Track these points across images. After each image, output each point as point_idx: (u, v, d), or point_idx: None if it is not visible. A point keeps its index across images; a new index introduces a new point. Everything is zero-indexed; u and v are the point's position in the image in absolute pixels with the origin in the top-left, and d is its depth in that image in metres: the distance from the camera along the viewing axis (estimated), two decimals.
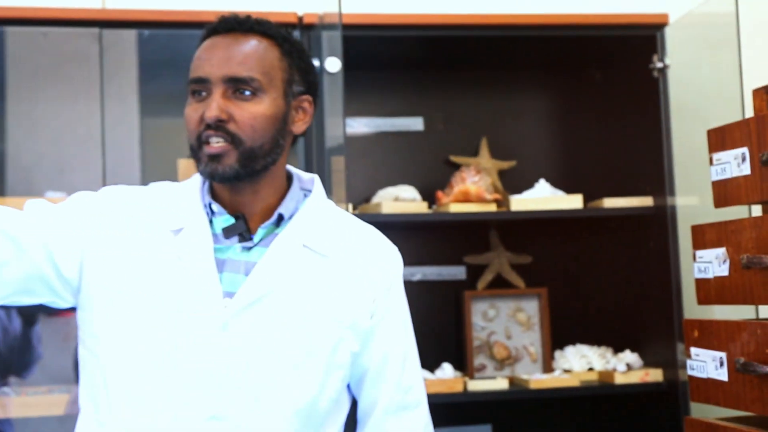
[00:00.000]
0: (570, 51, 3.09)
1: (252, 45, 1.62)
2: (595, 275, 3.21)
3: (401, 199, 2.93)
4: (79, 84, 2.84)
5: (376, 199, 2.97)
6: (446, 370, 2.93)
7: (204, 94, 1.60)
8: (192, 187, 1.68)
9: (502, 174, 3.17)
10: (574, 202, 2.93)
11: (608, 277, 3.17)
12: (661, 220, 2.86)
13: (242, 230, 1.62)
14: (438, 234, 3.20)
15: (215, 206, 1.64)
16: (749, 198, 1.72)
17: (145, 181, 2.20)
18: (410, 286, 3.12)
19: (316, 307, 1.62)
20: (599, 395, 3.07)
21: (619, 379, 2.89)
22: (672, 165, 2.84)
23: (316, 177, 1.74)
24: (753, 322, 1.64)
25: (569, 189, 3.05)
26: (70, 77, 2.84)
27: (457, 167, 3.10)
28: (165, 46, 2.86)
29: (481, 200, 2.90)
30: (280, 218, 1.66)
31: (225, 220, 1.63)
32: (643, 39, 2.87)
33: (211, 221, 1.65)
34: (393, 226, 3.09)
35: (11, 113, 2.87)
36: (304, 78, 1.67)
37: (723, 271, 1.72)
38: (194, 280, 1.58)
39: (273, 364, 1.58)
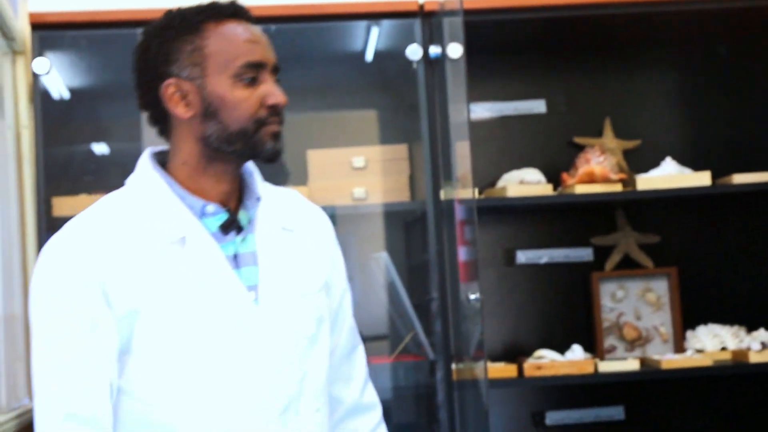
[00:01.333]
0: (694, 26, 3.04)
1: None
2: (725, 253, 3.16)
3: (526, 182, 2.94)
4: None
5: (501, 183, 2.99)
6: (576, 352, 2.93)
7: (253, 78, 1.59)
8: (161, 191, 1.62)
9: (626, 153, 3.15)
10: (702, 179, 2.89)
11: (739, 255, 3.12)
12: None
13: (238, 224, 1.64)
14: (564, 216, 3.19)
15: (211, 207, 1.62)
16: None
17: None
18: (537, 269, 3.16)
19: (304, 280, 1.68)
20: (734, 375, 3.03)
21: (754, 358, 2.84)
22: None
23: None
24: None
25: (696, 166, 3.01)
26: None
27: (581, 148, 3.09)
28: None
29: (606, 180, 2.88)
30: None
31: (219, 218, 1.62)
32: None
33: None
34: (518, 210, 3.12)
35: None
36: None
37: None
38: (222, 291, 1.58)
39: (303, 344, 1.65)
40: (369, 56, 3.11)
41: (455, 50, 2.65)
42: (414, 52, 2.81)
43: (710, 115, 3.20)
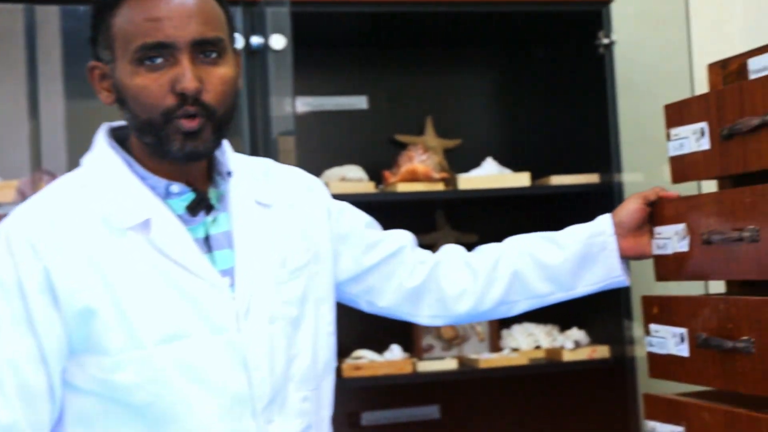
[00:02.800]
0: (514, 27, 3.06)
1: (204, 0, 1.43)
2: None
3: (348, 179, 2.89)
4: (4, 63, 2.74)
5: (322, 180, 2.91)
6: (395, 352, 2.90)
7: (160, 60, 1.40)
8: (119, 172, 1.47)
9: (447, 153, 3.15)
10: (521, 180, 2.91)
11: None
12: (608, 196, 2.85)
13: (207, 202, 1.49)
14: (385, 214, 3.11)
15: (176, 186, 1.48)
16: (708, 173, 1.71)
17: (72, 164, 2.04)
18: None
19: (285, 260, 1.56)
20: (548, 373, 3.07)
21: (567, 357, 2.89)
22: (618, 142, 2.84)
23: None
24: (715, 298, 1.63)
25: (516, 167, 3.03)
26: None
27: (402, 146, 3.07)
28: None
29: (428, 179, 2.86)
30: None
31: (185, 198, 1.48)
32: (588, 15, 2.86)
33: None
34: None
35: None
36: (233, 30, 1.51)
37: (683, 247, 1.71)
38: (192, 279, 1.45)
39: (287, 330, 1.53)
40: None
41: (278, 41, 2.57)
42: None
43: (530, 116, 3.23)
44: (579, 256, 1.76)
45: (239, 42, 2.67)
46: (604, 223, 1.77)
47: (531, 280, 1.77)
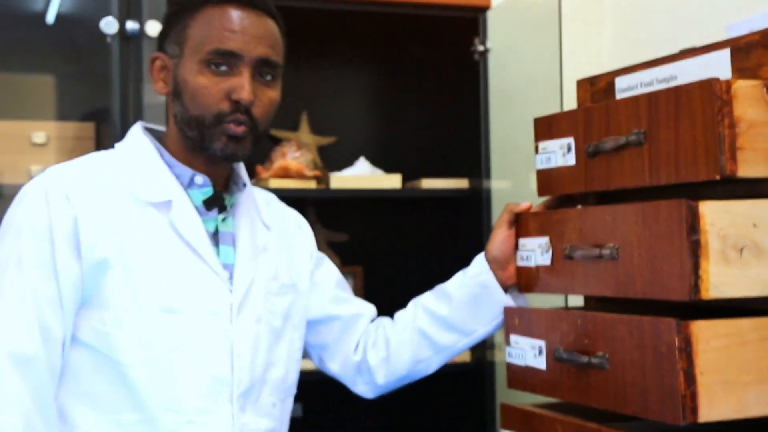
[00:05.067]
0: (392, 28, 3.05)
1: (273, 27, 1.61)
2: (411, 254, 3.21)
3: None
4: None
5: None
6: None
7: (224, 68, 1.55)
8: (150, 156, 1.62)
9: (321, 150, 3.12)
10: (392, 181, 2.91)
11: (423, 257, 3.18)
12: (476, 202, 2.87)
13: (222, 201, 1.62)
14: None
15: (200, 178, 1.62)
16: (572, 188, 1.73)
17: None
18: None
19: (275, 274, 1.70)
20: None
21: None
22: (489, 149, 2.85)
23: None
24: (574, 312, 1.65)
25: (389, 168, 3.03)
26: None
27: (276, 141, 3.02)
28: None
29: (301, 176, 2.83)
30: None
31: (205, 192, 1.62)
32: (465, 21, 2.87)
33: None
34: None
35: None
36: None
37: (545, 260, 1.73)
38: (199, 263, 1.58)
39: (269, 335, 1.66)
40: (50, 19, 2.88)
41: (154, 28, 2.50)
42: (109, 24, 2.61)
43: (405, 118, 3.23)
44: (467, 301, 1.83)
45: (114, 27, 2.58)
46: (479, 263, 1.84)
47: (434, 334, 1.85)
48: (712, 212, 1.43)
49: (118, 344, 1.53)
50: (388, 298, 3.15)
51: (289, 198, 2.94)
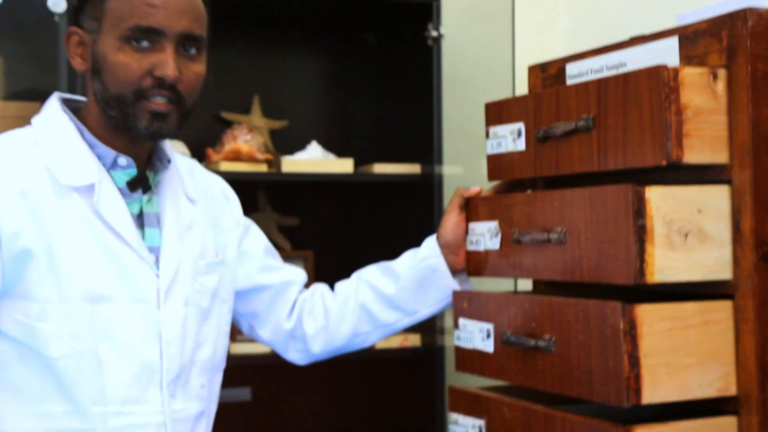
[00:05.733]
0: (346, 12, 3.05)
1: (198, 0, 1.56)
2: (362, 239, 3.22)
3: None
4: None
5: None
6: None
7: (146, 44, 1.49)
8: (70, 135, 1.55)
9: (273, 133, 3.11)
10: (345, 166, 2.91)
11: (374, 242, 3.19)
12: (428, 188, 2.88)
13: (146, 182, 1.58)
14: None
15: (123, 159, 1.56)
16: (522, 173, 1.75)
17: None
18: None
19: (202, 253, 1.66)
20: (360, 359, 3.08)
21: (379, 344, 2.90)
22: (441, 134, 2.86)
23: None
24: (522, 296, 1.66)
25: (341, 152, 3.03)
26: None
27: (228, 124, 3.01)
28: None
29: (252, 160, 2.82)
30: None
31: (129, 173, 1.57)
32: (418, 6, 2.87)
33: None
34: None
35: None
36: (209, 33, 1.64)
37: (494, 244, 1.74)
38: (124, 248, 1.54)
39: (197, 316, 1.62)
40: None
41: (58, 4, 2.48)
42: (56, 3, 2.58)
43: (358, 102, 3.23)
44: (414, 283, 1.83)
45: (61, 5, 2.55)
46: (430, 246, 1.84)
47: (376, 311, 1.85)
48: (658, 197, 1.45)
49: (43, 337, 1.49)
50: (339, 280, 3.17)
51: (240, 181, 2.94)
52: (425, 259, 1.83)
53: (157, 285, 1.56)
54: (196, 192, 1.69)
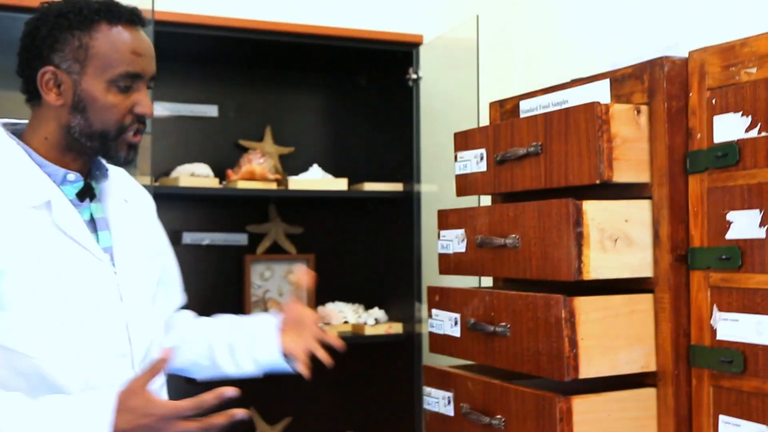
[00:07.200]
0: (342, 58, 3.06)
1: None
2: (354, 246, 3.22)
3: (196, 174, 2.82)
4: None
5: (174, 174, 2.85)
6: None
7: (128, 85, 1.44)
8: (20, 159, 1.44)
9: (282, 158, 3.12)
10: (340, 184, 2.92)
11: (364, 248, 3.20)
12: (408, 203, 2.90)
13: (92, 191, 1.51)
14: (226, 206, 3.11)
15: (72, 175, 1.48)
16: (484, 190, 1.76)
17: None
18: (200, 250, 3.05)
19: (146, 245, 1.60)
20: (352, 344, 3.08)
21: (368, 331, 2.91)
22: (419, 158, 2.88)
23: None
24: (482, 291, 1.68)
25: (337, 173, 3.05)
26: None
27: (245, 150, 3.02)
28: None
29: (264, 179, 2.84)
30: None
31: (76, 185, 1.49)
32: (401, 54, 2.89)
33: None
34: (188, 198, 2.99)
35: None
36: None
37: (461, 248, 1.75)
38: (84, 253, 1.45)
39: (149, 305, 1.56)
40: None
41: None
42: None
43: (351, 132, 3.24)
44: (256, 363, 1.77)
45: None
46: (277, 359, 1.78)
47: (219, 359, 1.75)
48: (593, 209, 1.46)
49: (24, 341, 1.38)
50: (336, 281, 3.18)
51: (254, 197, 2.96)
52: (271, 363, 1.77)
53: (116, 281, 1.48)
54: (128, 193, 1.62)
